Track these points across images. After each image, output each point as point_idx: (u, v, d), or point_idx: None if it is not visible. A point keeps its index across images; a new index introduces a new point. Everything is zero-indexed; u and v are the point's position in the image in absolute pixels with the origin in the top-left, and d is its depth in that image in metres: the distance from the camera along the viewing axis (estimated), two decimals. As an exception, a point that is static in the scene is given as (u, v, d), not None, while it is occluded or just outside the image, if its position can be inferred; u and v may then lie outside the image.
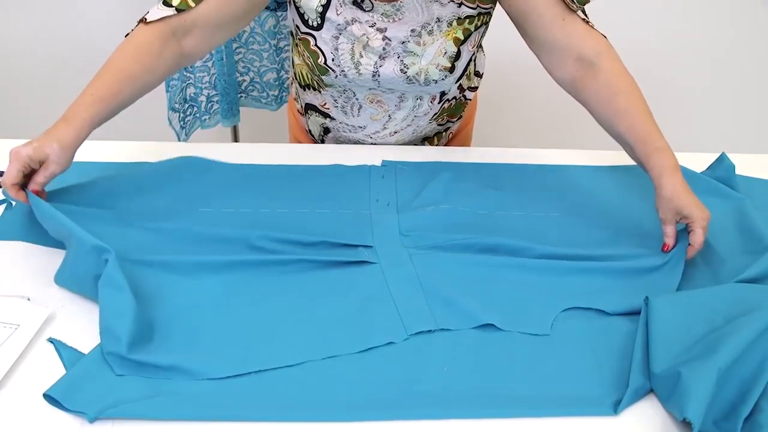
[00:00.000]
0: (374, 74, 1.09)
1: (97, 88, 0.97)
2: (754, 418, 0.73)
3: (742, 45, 2.18)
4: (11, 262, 0.94)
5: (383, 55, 1.07)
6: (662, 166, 0.98)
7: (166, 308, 0.87)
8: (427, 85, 1.11)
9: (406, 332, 0.86)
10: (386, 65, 1.08)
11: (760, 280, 0.94)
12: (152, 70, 1.03)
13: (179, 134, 1.89)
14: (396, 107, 1.16)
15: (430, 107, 1.19)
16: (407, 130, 1.22)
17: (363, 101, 1.15)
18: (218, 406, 0.75)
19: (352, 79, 1.10)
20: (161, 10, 1.03)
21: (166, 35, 1.03)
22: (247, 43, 1.89)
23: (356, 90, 1.14)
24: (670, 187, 0.97)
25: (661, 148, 1.00)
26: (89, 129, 0.97)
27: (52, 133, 0.94)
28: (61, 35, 2.06)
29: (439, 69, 1.09)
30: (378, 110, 1.16)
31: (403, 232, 1.02)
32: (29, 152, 0.91)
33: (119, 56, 1.01)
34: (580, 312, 0.91)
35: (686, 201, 0.96)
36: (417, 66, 1.08)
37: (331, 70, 1.09)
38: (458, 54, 1.08)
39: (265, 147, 1.23)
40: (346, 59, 1.07)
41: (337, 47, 1.06)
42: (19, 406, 0.75)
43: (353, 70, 1.08)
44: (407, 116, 1.19)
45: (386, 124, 1.20)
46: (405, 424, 0.75)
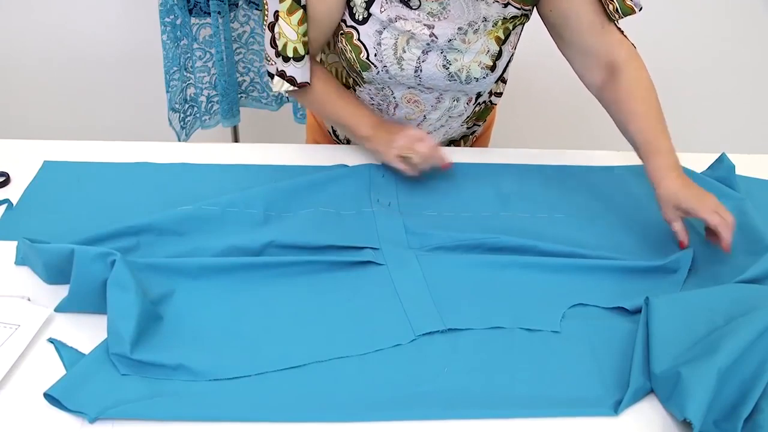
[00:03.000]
0: (416, 69, 1.09)
1: (348, 109, 1.13)
2: (754, 418, 0.73)
3: (742, 45, 2.18)
4: (11, 262, 0.94)
5: (426, 50, 1.07)
6: (660, 167, 1.01)
7: (173, 309, 0.87)
8: (468, 84, 1.11)
9: (413, 333, 0.86)
10: (429, 60, 1.08)
11: (761, 281, 0.94)
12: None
13: (179, 134, 1.89)
14: (432, 108, 1.16)
15: (465, 109, 1.20)
16: (439, 131, 1.23)
17: (400, 100, 1.15)
18: (218, 407, 0.75)
19: (394, 75, 1.10)
20: (301, 65, 1.10)
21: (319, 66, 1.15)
22: (247, 44, 1.89)
23: (395, 88, 1.14)
24: (666, 186, 0.99)
25: (663, 150, 1.03)
26: None
27: (394, 130, 1.09)
28: (61, 35, 2.06)
29: (481, 67, 1.09)
30: (414, 110, 1.16)
31: (409, 233, 1.02)
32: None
33: (326, 87, 1.14)
34: (580, 312, 0.91)
35: (683, 195, 0.98)
36: (459, 63, 1.09)
37: (373, 65, 1.09)
38: (500, 53, 1.10)
39: (266, 147, 1.23)
40: (389, 54, 1.07)
41: (380, 42, 1.06)
42: (19, 406, 0.75)
43: (395, 65, 1.08)
44: (441, 117, 1.19)
45: (420, 124, 1.20)
46: (406, 425, 0.75)
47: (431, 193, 1.12)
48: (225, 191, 1.07)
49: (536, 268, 0.96)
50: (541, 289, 0.94)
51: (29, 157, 1.15)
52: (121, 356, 0.78)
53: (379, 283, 0.93)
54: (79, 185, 1.09)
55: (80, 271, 0.83)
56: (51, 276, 0.90)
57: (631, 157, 1.24)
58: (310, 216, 1.04)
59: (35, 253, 0.89)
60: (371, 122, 1.12)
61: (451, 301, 0.90)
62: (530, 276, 0.95)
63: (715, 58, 2.19)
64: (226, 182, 1.11)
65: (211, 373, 0.78)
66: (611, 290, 0.94)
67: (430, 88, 1.13)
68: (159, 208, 1.02)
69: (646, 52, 1.23)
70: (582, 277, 0.96)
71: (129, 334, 0.78)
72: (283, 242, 0.96)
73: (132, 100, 2.18)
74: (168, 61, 1.78)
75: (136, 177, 1.12)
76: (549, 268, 0.96)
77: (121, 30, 2.05)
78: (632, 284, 0.95)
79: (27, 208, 1.04)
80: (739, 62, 2.21)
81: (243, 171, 1.15)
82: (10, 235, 0.98)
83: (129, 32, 2.05)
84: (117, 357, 0.79)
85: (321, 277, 0.93)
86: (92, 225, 0.98)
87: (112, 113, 2.21)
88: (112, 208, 1.04)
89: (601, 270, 0.97)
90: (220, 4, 1.74)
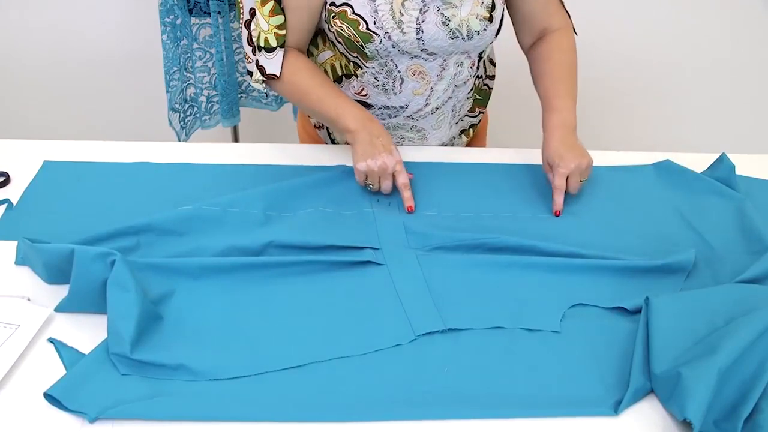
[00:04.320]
0: (418, 32, 1.09)
1: (334, 99, 1.12)
2: (754, 418, 0.73)
3: (742, 45, 2.18)
4: (11, 262, 0.94)
5: (423, 8, 1.09)
6: (549, 124, 1.12)
7: (173, 309, 0.87)
8: (470, 39, 1.12)
9: (413, 333, 0.86)
10: (428, 20, 1.09)
11: (761, 281, 0.94)
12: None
13: (179, 134, 1.89)
14: (438, 77, 1.17)
15: (469, 74, 1.21)
16: (447, 105, 1.23)
17: (405, 74, 1.16)
18: (219, 406, 0.75)
19: (397, 42, 1.10)
20: (272, 56, 1.13)
21: (292, 53, 1.15)
22: (247, 43, 1.89)
23: (398, 61, 1.14)
24: (545, 143, 1.11)
25: (558, 108, 1.13)
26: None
27: (379, 134, 1.10)
28: (61, 35, 2.06)
29: (479, 19, 1.11)
30: (420, 83, 1.17)
31: (409, 233, 1.02)
32: (399, 157, 1.08)
33: (301, 79, 1.14)
34: (580, 313, 0.91)
35: (553, 150, 1.08)
36: (458, 18, 1.10)
37: (374, 34, 1.09)
38: (493, 5, 1.13)
39: (266, 147, 1.23)
40: (387, 19, 1.08)
41: (376, 9, 1.08)
42: (19, 406, 0.75)
43: (396, 30, 1.09)
44: (448, 87, 1.19)
45: (428, 98, 1.20)
46: (406, 425, 0.75)
47: (431, 193, 1.12)
48: (225, 191, 1.07)
49: (536, 268, 0.96)
50: (542, 289, 0.93)
51: (29, 157, 1.15)
52: (121, 356, 0.78)
53: (379, 283, 0.93)
54: (79, 185, 1.09)
55: (80, 271, 0.83)
56: (51, 276, 0.90)
57: (631, 157, 1.25)
58: (310, 216, 1.04)
59: (35, 253, 0.89)
60: (358, 116, 1.11)
61: (451, 301, 0.90)
62: (530, 276, 0.95)
63: (715, 58, 2.19)
64: (226, 182, 1.11)
65: (211, 373, 0.78)
66: (611, 290, 0.94)
67: (433, 54, 1.13)
68: (159, 208, 1.02)
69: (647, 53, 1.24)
70: (582, 277, 0.96)
71: (129, 334, 0.79)
72: (283, 242, 0.96)
73: (132, 100, 2.18)
74: (168, 61, 1.78)
75: (136, 177, 1.12)
76: (549, 268, 0.96)
77: (121, 30, 2.05)
78: (632, 284, 0.95)
79: (27, 208, 1.04)
80: (739, 62, 2.21)
81: (243, 171, 1.15)
82: (10, 235, 0.98)
83: (129, 32, 2.05)
84: (117, 357, 0.79)
85: (321, 277, 0.93)
86: (92, 225, 0.98)
87: (112, 113, 2.21)
88: (112, 208, 1.04)
89: (601, 270, 0.97)
90: (220, 4, 1.74)
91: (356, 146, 1.09)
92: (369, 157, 1.07)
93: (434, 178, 1.16)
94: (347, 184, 1.12)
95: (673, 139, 2.30)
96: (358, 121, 1.10)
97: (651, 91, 2.22)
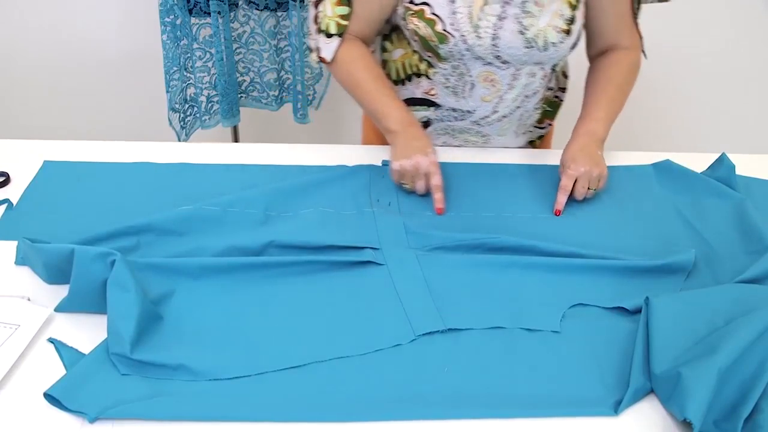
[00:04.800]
0: (494, 38, 1.09)
1: (383, 98, 1.14)
2: (754, 418, 0.73)
3: (742, 45, 2.18)
4: (11, 262, 0.94)
5: (502, 15, 1.08)
6: (578, 130, 1.13)
7: (173, 309, 0.87)
8: (546, 50, 1.12)
9: (413, 333, 0.86)
10: (505, 27, 1.09)
11: (761, 281, 0.94)
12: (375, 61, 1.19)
13: (179, 134, 1.89)
14: (509, 86, 1.17)
15: (540, 85, 1.21)
16: (515, 114, 1.23)
17: (476, 79, 1.16)
18: (219, 406, 0.75)
19: (471, 45, 1.10)
20: (329, 42, 1.15)
21: (354, 41, 1.17)
22: (247, 44, 1.89)
23: (471, 65, 1.14)
24: (567, 147, 1.11)
25: (593, 117, 1.14)
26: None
27: (418, 137, 1.11)
28: (61, 35, 2.06)
29: (557, 31, 1.11)
30: (490, 90, 1.17)
31: (409, 233, 1.02)
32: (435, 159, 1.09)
33: (357, 70, 1.16)
34: (580, 313, 0.91)
35: (570, 155, 1.09)
36: (535, 28, 1.10)
37: (450, 35, 1.09)
38: (573, 18, 1.12)
39: (266, 147, 1.23)
40: (464, 22, 1.08)
41: (455, 11, 1.08)
42: (19, 406, 0.75)
43: (472, 33, 1.09)
44: (517, 97, 1.19)
45: (497, 106, 1.20)
46: (406, 425, 0.75)
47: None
48: (225, 191, 1.07)
49: (536, 268, 0.96)
50: (542, 289, 0.93)
51: (29, 157, 1.15)
52: (122, 356, 0.78)
53: (380, 283, 0.93)
54: (80, 185, 1.09)
55: (80, 271, 0.83)
56: (51, 276, 0.90)
57: (631, 157, 1.25)
58: (310, 216, 1.04)
59: (35, 253, 0.89)
60: (402, 118, 1.13)
61: (452, 301, 0.90)
62: (530, 276, 0.95)
63: (715, 58, 2.19)
64: (226, 182, 1.11)
65: (211, 373, 0.78)
66: (611, 290, 0.94)
67: (507, 62, 1.13)
68: (159, 207, 1.02)
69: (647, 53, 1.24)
70: (582, 277, 0.96)
71: (129, 334, 0.79)
72: (284, 242, 0.96)
73: (132, 100, 2.18)
74: (168, 61, 1.78)
75: (136, 177, 1.12)
76: (549, 268, 0.96)
77: (121, 30, 2.05)
78: (632, 284, 0.95)
79: (27, 208, 1.05)
80: (739, 62, 2.21)
81: (243, 171, 1.15)
82: (10, 235, 0.98)
83: (129, 32, 2.05)
84: (117, 357, 0.79)
85: (321, 277, 0.93)
86: (92, 225, 0.98)
87: (112, 113, 2.21)
88: (112, 208, 1.04)
89: (601, 270, 0.97)
90: (220, 4, 1.74)
91: (394, 147, 1.11)
92: (404, 157, 1.08)
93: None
94: (347, 184, 1.12)
95: (674, 139, 2.30)
96: (400, 123, 1.12)
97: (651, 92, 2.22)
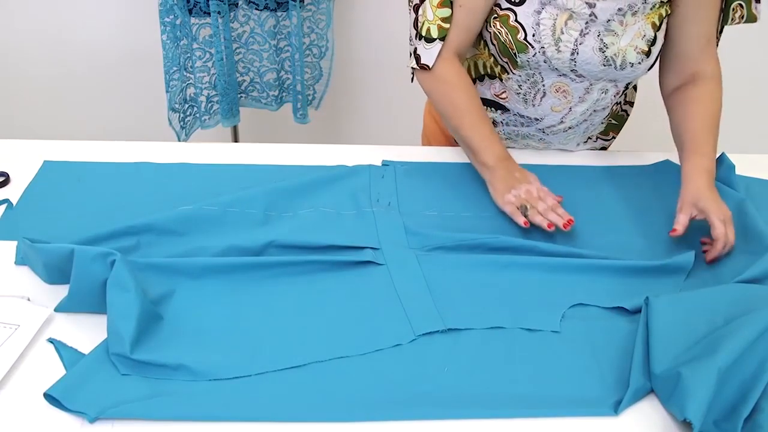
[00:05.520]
0: (573, 52, 1.09)
1: (482, 131, 1.11)
2: (754, 418, 0.73)
3: (742, 45, 2.18)
4: (11, 262, 0.94)
5: (584, 31, 1.07)
6: (695, 166, 1.06)
7: (173, 309, 0.87)
8: (623, 69, 1.11)
9: (413, 333, 0.86)
10: (586, 43, 1.08)
11: (761, 281, 0.94)
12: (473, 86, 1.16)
13: (179, 134, 1.89)
14: (579, 99, 1.16)
15: (611, 101, 1.20)
16: (581, 126, 1.23)
17: (548, 89, 1.15)
18: (219, 406, 0.75)
19: (550, 58, 1.09)
20: (430, 47, 1.11)
21: (454, 58, 1.13)
22: (247, 44, 1.89)
23: (545, 75, 1.13)
24: (694, 182, 1.04)
25: (703, 153, 1.07)
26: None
27: (516, 169, 1.09)
28: (61, 35, 2.06)
29: (637, 52, 1.10)
30: (561, 101, 1.16)
31: (409, 233, 1.02)
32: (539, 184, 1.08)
33: (458, 96, 1.12)
34: (580, 313, 0.91)
35: (705, 195, 1.01)
36: (616, 46, 1.09)
37: (530, 46, 1.09)
38: (654, 39, 1.10)
39: (266, 147, 1.23)
40: (547, 35, 1.07)
41: (539, 22, 1.07)
42: (19, 406, 0.75)
43: (553, 47, 1.08)
44: (587, 110, 1.19)
45: (564, 117, 1.19)
46: (406, 425, 0.75)
47: (431, 193, 1.12)
48: (225, 191, 1.07)
49: (536, 268, 0.96)
50: (541, 289, 0.93)
51: (29, 157, 1.15)
52: (122, 356, 0.78)
53: (379, 283, 0.93)
54: (80, 185, 1.09)
55: (80, 271, 0.83)
56: (51, 276, 0.90)
57: (632, 157, 1.25)
58: (310, 216, 1.04)
59: (35, 253, 0.89)
60: (498, 153, 1.10)
61: (451, 301, 0.90)
62: (530, 276, 0.95)
63: (714, 58, 2.19)
64: (226, 182, 1.11)
65: (211, 373, 0.78)
66: (611, 290, 0.94)
67: (581, 76, 1.13)
68: (159, 207, 1.02)
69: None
70: (582, 277, 0.96)
71: (129, 334, 0.79)
72: (284, 242, 0.96)
73: (132, 100, 2.18)
74: (168, 61, 1.78)
75: (136, 177, 1.12)
76: (549, 268, 0.96)
77: (120, 30, 2.05)
78: (632, 284, 0.95)
79: (27, 207, 1.04)
80: (740, 62, 2.21)
81: (243, 171, 1.15)
82: (10, 235, 0.98)
83: (129, 32, 2.05)
84: (117, 357, 0.79)
85: (321, 277, 0.93)
86: (92, 225, 0.98)
87: (112, 113, 2.21)
88: (112, 208, 1.04)
89: (601, 270, 0.97)
90: (219, 4, 1.74)
91: (495, 181, 1.08)
92: (511, 187, 1.06)
93: (434, 178, 1.16)
94: (347, 184, 1.12)
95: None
96: (497, 158, 1.09)
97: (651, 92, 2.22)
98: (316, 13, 1.89)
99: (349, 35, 2.10)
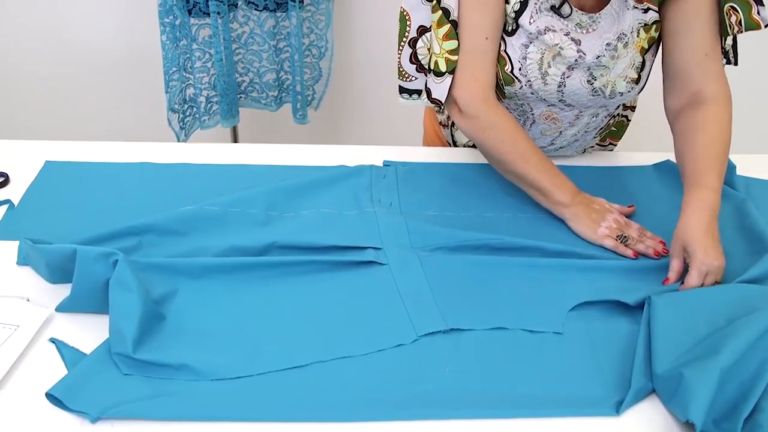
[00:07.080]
0: (560, 85, 1.07)
1: (549, 171, 1.07)
2: (755, 418, 0.73)
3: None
4: (12, 263, 0.94)
5: (573, 66, 1.05)
6: (693, 200, 0.97)
7: (176, 309, 0.87)
8: (612, 98, 1.09)
9: (415, 333, 0.86)
10: (574, 76, 1.06)
11: (762, 281, 0.94)
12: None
13: (179, 135, 1.89)
14: (569, 124, 1.15)
15: (602, 122, 1.18)
16: (573, 145, 1.22)
17: (538, 117, 1.14)
18: (221, 406, 0.75)
19: (537, 90, 1.07)
20: (441, 80, 1.07)
21: (495, 98, 1.09)
22: (246, 44, 1.89)
23: (534, 105, 1.12)
24: (687, 221, 0.95)
25: (703, 184, 0.98)
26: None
27: (592, 200, 1.07)
28: (61, 35, 2.05)
29: (627, 81, 1.07)
30: (551, 127, 1.15)
31: (411, 233, 1.02)
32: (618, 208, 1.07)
33: (518, 140, 1.06)
34: (581, 313, 0.91)
35: (696, 238, 0.93)
36: (605, 78, 1.06)
37: (516, 79, 1.06)
38: (643, 63, 1.07)
39: (265, 147, 1.23)
40: (533, 69, 1.05)
41: (526, 56, 1.04)
42: (19, 406, 0.75)
43: (539, 80, 1.06)
44: (577, 132, 1.18)
45: (555, 139, 1.19)
46: (407, 425, 0.75)
47: (433, 193, 1.12)
48: (225, 191, 1.07)
49: (538, 268, 0.97)
50: (543, 290, 0.93)
51: (30, 158, 1.15)
52: (124, 356, 0.78)
53: (382, 283, 0.93)
54: (81, 185, 1.09)
55: (82, 271, 0.83)
56: (54, 276, 0.90)
57: (632, 158, 1.25)
58: (312, 216, 1.04)
59: (37, 253, 0.89)
60: (571, 189, 1.06)
61: (454, 302, 0.90)
62: (532, 276, 0.95)
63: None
64: (226, 182, 1.11)
65: (213, 373, 0.78)
66: (613, 290, 0.94)
67: (570, 105, 1.11)
68: (160, 207, 1.02)
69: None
70: (584, 277, 0.96)
71: (131, 334, 0.78)
72: (285, 243, 0.96)
73: (132, 100, 2.18)
74: (167, 61, 1.78)
75: (136, 177, 1.12)
76: (551, 269, 0.96)
77: (120, 30, 2.05)
78: (633, 284, 0.95)
79: (28, 208, 1.04)
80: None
81: (243, 171, 1.15)
82: (11, 235, 0.98)
83: (128, 33, 2.05)
84: (119, 357, 0.78)
85: (323, 277, 0.93)
86: (94, 225, 0.98)
87: (112, 113, 2.21)
88: (113, 208, 1.04)
89: (602, 270, 0.97)
90: (219, 5, 1.74)
91: (579, 218, 1.05)
92: (600, 222, 1.04)
93: (435, 178, 1.16)
94: (348, 184, 1.12)
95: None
96: (571, 195, 1.06)
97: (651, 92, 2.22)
98: (316, 14, 1.89)
99: (349, 36, 2.10)
